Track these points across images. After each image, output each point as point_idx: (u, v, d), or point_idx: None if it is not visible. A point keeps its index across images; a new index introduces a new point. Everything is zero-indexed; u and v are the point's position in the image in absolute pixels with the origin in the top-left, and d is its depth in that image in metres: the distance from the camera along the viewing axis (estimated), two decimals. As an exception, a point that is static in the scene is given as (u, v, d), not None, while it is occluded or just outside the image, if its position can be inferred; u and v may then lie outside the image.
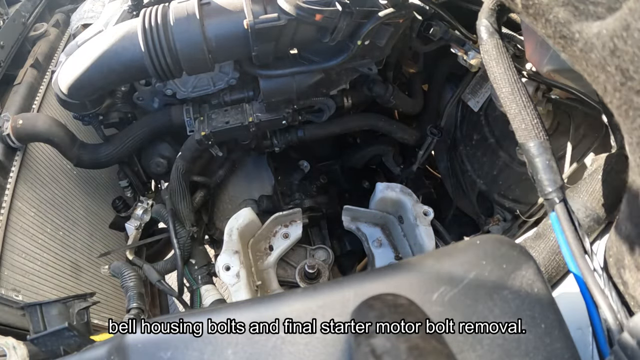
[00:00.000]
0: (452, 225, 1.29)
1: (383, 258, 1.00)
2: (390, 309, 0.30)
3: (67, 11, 1.47)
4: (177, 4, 0.78)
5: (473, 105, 1.07)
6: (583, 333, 0.45)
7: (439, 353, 0.27)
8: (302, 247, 1.06)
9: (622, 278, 0.40)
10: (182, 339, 0.33)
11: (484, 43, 0.55)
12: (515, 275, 0.35)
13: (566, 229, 0.42)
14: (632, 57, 0.28)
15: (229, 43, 0.79)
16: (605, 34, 0.30)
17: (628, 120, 0.32)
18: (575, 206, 0.54)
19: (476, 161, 1.10)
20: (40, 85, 1.17)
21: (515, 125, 0.49)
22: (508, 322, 0.34)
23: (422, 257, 0.38)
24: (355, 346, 0.29)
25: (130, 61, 0.78)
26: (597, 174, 0.55)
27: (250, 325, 0.33)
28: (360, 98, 1.08)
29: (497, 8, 0.57)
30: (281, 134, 1.08)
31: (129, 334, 0.33)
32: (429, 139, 1.14)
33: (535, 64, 0.64)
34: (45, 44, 1.28)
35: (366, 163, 1.31)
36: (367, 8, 0.78)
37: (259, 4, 0.77)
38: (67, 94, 0.84)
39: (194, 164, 1.04)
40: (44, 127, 0.95)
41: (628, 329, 0.32)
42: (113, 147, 1.02)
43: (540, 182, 0.46)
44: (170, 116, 1.00)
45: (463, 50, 0.87)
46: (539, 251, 0.55)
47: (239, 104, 0.99)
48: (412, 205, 0.94)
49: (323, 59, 0.88)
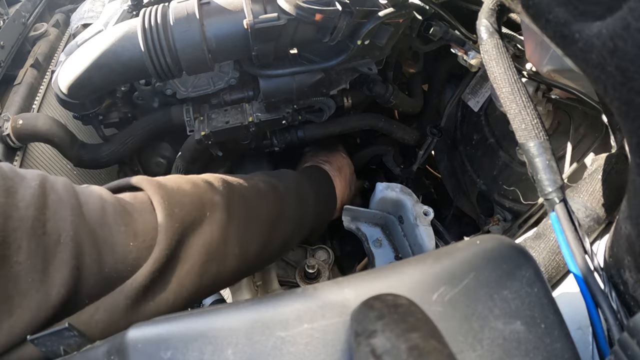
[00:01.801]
0: (452, 225, 1.29)
1: (383, 258, 1.00)
2: (390, 309, 0.30)
3: (67, 11, 1.47)
4: (177, 3, 0.78)
5: (473, 105, 1.07)
6: (583, 333, 0.45)
7: (439, 353, 0.27)
8: (302, 247, 1.06)
9: (622, 278, 0.40)
10: (182, 339, 0.33)
11: (484, 43, 0.55)
12: (515, 275, 0.35)
13: (566, 229, 0.42)
14: (632, 57, 0.28)
15: (228, 43, 0.79)
16: (605, 34, 0.30)
17: (628, 120, 0.32)
18: (575, 206, 0.54)
19: (476, 161, 1.11)
20: (40, 85, 1.17)
21: (515, 125, 0.49)
22: (508, 322, 0.34)
23: (422, 257, 0.38)
24: (355, 346, 0.29)
25: (130, 61, 0.78)
26: (597, 174, 0.55)
27: (250, 325, 0.33)
28: (360, 98, 1.08)
29: (497, 8, 0.57)
30: (281, 133, 1.08)
31: (129, 334, 0.33)
32: (429, 139, 1.14)
33: (535, 64, 0.64)
34: (45, 44, 1.28)
35: (366, 163, 1.31)
36: (367, 8, 0.78)
37: (258, 4, 0.77)
38: (67, 93, 0.84)
39: (194, 164, 1.04)
40: (44, 127, 0.95)
41: (628, 329, 0.32)
42: (113, 147, 1.02)
43: (540, 182, 0.46)
44: (170, 116, 1.00)
45: (463, 50, 0.87)
46: (539, 251, 0.55)
47: (238, 103, 0.99)
48: (412, 205, 0.94)
49: (323, 58, 0.88)
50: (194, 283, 0.56)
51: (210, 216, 0.61)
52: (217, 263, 0.61)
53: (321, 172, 1.02)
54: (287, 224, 0.79)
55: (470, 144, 1.12)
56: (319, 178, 1.00)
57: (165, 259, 0.53)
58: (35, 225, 0.44)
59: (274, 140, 1.09)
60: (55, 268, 0.44)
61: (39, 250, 0.44)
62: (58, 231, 0.46)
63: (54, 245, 0.45)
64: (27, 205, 0.44)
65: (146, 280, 0.50)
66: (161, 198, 0.57)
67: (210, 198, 0.64)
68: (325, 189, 0.99)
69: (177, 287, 0.54)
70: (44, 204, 0.46)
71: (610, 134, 0.62)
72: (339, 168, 1.07)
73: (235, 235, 0.64)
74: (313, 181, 0.95)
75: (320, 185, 0.98)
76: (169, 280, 0.54)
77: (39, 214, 0.45)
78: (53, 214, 0.46)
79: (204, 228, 0.60)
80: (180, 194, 0.60)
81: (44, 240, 0.44)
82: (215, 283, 0.62)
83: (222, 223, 0.62)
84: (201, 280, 0.57)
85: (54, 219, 0.46)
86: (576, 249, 0.41)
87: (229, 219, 0.64)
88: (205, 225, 0.60)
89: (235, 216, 0.66)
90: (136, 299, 0.49)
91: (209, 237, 0.60)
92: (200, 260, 0.57)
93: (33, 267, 0.43)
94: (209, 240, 0.59)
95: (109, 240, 0.50)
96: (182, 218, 0.57)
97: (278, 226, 0.76)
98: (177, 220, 0.56)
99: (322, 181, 1.00)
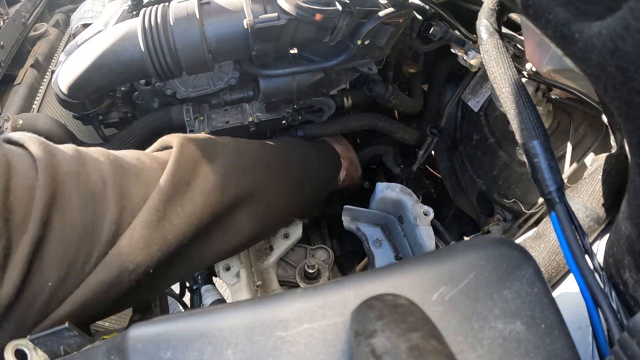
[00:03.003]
0: (452, 225, 1.29)
1: (383, 258, 1.00)
2: (390, 309, 0.30)
3: (67, 11, 1.47)
4: (177, 3, 0.78)
5: (473, 105, 1.07)
6: (583, 333, 0.45)
7: (439, 353, 0.27)
8: (302, 247, 1.06)
9: (622, 278, 0.40)
10: (183, 339, 0.33)
11: (484, 43, 0.55)
12: (515, 276, 0.35)
13: (566, 229, 0.42)
14: (632, 57, 0.28)
15: (228, 43, 0.79)
16: (606, 34, 0.30)
17: (628, 120, 0.32)
18: (575, 206, 0.54)
19: (476, 161, 1.11)
20: (40, 85, 1.16)
21: (515, 125, 0.49)
22: (508, 322, 0.34)
23: (422, 257, 0.38)
24: (355, 346, 0.29)
25: (130, 61, 0.78)
26: (597, 174, 0.55)
27: (250, 325, 0.33)
28: (360, 98, 1.08)
29: (497, 8, 0.57)
30: (281, 133, 1.08)
31: (129, 333, 0.33)
32: (429, 139, 1.14)
33: (535, 64, 0.64)
34: (45, 44, 1.28)
35: (366, 163, 1.31)
36: (367, 8, 0.78)
37: (258, 4, 0.77)
38: (67, 93, 0.84)
39: (194, 163, 1.04)
40: (44, 127, 0.95)
41: (628, 329, 0.32)
42: (113, 147, 1.02)
43: (540, 182, 0.46)
44: (170, 116, 1.00)
45: (463, 50, 0.87)
46: (539, 251, 0.55)
47: (239, 103, 0.99)
48: (412, 205, 0.94)
49: (323, 58, 0.88)
50: (217, 199, 0.62)
51: (222, 146, 0.70)
52: (239, 184, 0.67)
53: (321, 140, 1.11)
54: (295, 168, 0.87)
55: (470, 144, 1.12)
56: (320, 143, 1.09)
57: (182, 170, 0.60)
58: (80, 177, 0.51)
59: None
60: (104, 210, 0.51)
61: (88, 197, 0.51)
62: (102, 178, 0.53)
63: (102, 189, 0.52)
64: (68, 162, 0.51)
65: (168, 187, 0.56)
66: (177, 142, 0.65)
67: (218, 139, 0.73)
68: (326, 150, 1.08)
69: (201, 200, 0.60)
70: (85, 157, 0.54)
71: (610, 134, 0.62)
72: (337, 141, 1.15)
73: (252, 164, 0.73)
74: (314, 144, 1.04)
75: (320, 148, 1.07)
76: (192, 192, 0.60)
77: (81, 167, 0.52)
78: (93, 166, 0.54)
79: (217, 158, 0.67)
80: (192, 139, 0.67)
81: (91, 187, 0.52)
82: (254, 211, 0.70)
83: (234, 154, 0.71)
84: (223, 198, 0.63)
85: (94, 171, 0.53)
86: (576, 248, 0.41)
87: (238, 153, 0.72)
88: (218, 155, 0.67)
89: (245, 153, 0.74)
90: (164, 209, 0.55)
91: (223, 161, 0.67)
92: (220, 179, 0.64)
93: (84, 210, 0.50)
94: (223, 164, 0.66)
95: (139, 175, 0.57)
96: (192, 150, 0.65)
97: (290, 172, 0.85)
98: (190, 149, 0.64)
99: (321, 145, 1.08)
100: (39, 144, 0.51)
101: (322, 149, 1.07)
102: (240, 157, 0.71)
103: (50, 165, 0.49)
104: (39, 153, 0.49)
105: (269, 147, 0.85)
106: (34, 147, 0.50)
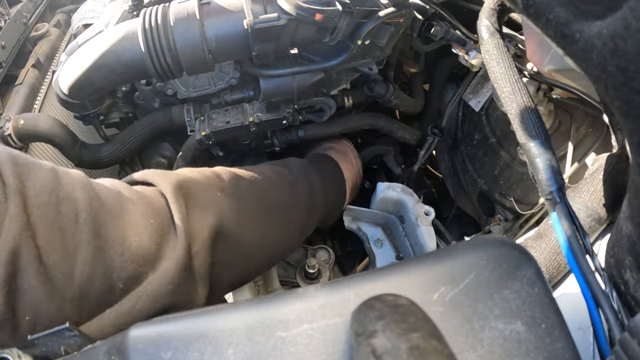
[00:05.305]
0: (453, 225, 1.29)
1: (384, 258, 1.00)
2: (390, 309, 0.30)
3: (68, 11, 1.47)
4: (177, 4, 0.78)
5: (474, 105, 1.07)
6: (584, 333, 0.45)
7: (440, 353, 0.27)
8: (303, 247, 1.06)
9: (623, 278, 0.40)
10: (183, 339, 0.33)
11: (485, 43, 0.55)
12: (516, 276, 0.35)
13: (567, 229, 0.42)
14: (632, 57, 0.28)
15: (229, 43, 0.79)
16: (606, 34, 0.30)
17: (629, 120, 0.32)
18: (576, 206, 0.54)
19: (477, 161, 1.10)
20: (41, 86, 1.17)
21: (516, 125, 0.49)
22: (509, 322, 0.33)
23: (423, 257, 0.38)
24: (355, 346, 0.29)
25: (131, 61, 0.79)
26: (598, 173, 0.55)
27: (250, 325, 0.33)
28: (361, 98, 1.08)
29: (498, 8, 0.57)
30: (282, 133, 1.08)
31: (129, 334, 0.33)
32: (430, 138, 1.14)
33: (536, 64, 0.64)
34: (46, 44, 1.28)
35: (367, 163, 1.31)
36: (368, 8, 0.78)
37: (259, 4, 0.77)
38: (68, 93, 0.85)
39: (195, 163, 1.04)
40: (45, 127, 0.95)
41: (629, 329, 0.32)
42: (114, 147, 1.02)
43: (541, 182, 0.46)
44: (171, 116, 1.00)
45: (464, 50, 0.87)
46: (540, 251, 0.55)
47: (239, 103, 0.99)
48: (413, 205, 0.94)
49: (323, 58, 0.88)
50: (205, 261, 0.57)
51: (220, 197, 0.63)
52: (230, 246, 0.62)
53: (326, 158, 1.04)
54: (300, 209, 0.81)
55: (471, 143, 1.12)
56: (325, 163, 1.02)
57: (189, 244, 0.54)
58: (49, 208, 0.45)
59: (275, 140, 1.09)
60: (75, 249, 0.45)
61: (55, 231, 0.44)
62: (75, 211, 0.46)
63: (72, 225, 0.45)
64: (40, 190, 0.45)
65: (185, 260, 0.52)
66: (170, 185, 0.58)
67: (218, 184, 0.66)
68: (332, 172, 1.00)
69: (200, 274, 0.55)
70: (58, 184, 0.47)
71: (612, 134, 0.62)
72: (343, 152, 1.08)
73: (248, 220, 0.66)
74: (320, 167, 0.96)
75: (327, 170, 0.99)
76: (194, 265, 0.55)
77: (52, 197, 0.45)
78: (66, 196, 0.46)
79: (213, 210, 0.61)
80: (190, 181, 0.62)
81: (59, 220, 0.45)
82: (237, 272, 0.64)
83: (233, 207, 0.64)
84: (212, 260, 0.58)
85: (68, 200, 0.46)
86: (577, 249, 0.41)
87: (238, 205, 0.65)
88: (213, 209, 0.61)
89: (244, 200, 0.68)
90: (178, 282, 0.50)
91: (219, 216, 0.61)
92: (210, 240, 0.57)
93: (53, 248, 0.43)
94: (219, 220, 0.60)
95: (127, 221, 0.50)
96: (189, 202, 0.59)
97: (292, 213, 0.79)
98: (186, 202, 0.58)
99: (329, 166, 1.01)
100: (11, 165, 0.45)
101: (327, 175, 0.97)
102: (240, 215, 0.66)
103: (20, 192, 0.44)
104: (10, 178, 0.44)
105: (275, 191, 0.78)
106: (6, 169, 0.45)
